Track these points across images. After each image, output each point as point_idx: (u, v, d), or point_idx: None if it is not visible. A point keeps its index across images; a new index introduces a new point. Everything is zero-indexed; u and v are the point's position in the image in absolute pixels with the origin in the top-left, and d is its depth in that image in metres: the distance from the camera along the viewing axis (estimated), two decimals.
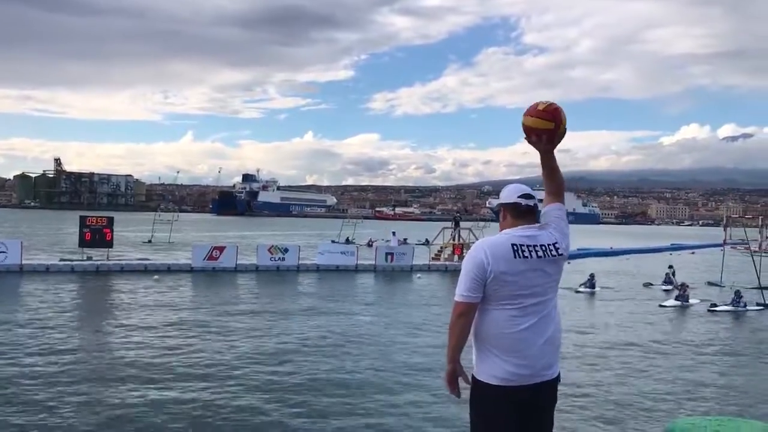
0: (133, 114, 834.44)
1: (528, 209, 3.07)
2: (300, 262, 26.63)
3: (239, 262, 25.71)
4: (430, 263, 29.98)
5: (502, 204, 3.14)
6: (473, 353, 3.00)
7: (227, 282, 22.21)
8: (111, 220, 25.37)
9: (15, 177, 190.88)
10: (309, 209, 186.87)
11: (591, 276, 22.66)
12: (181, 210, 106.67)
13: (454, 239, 32.03)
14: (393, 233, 38.73)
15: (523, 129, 3.07)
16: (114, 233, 25.45)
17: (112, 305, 16.64)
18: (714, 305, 18.92)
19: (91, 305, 17.06)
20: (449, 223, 34.35)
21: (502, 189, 3.21)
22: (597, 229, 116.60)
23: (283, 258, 26.29)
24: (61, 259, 25.06)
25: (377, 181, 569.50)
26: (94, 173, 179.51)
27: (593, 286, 22.21)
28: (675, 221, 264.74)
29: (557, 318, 3.03)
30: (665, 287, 23.58)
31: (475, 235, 31.30)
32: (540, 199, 3.11)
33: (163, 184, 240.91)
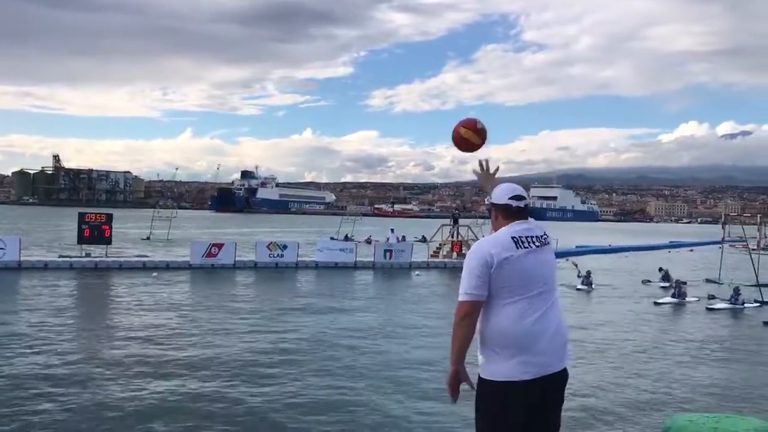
0: (132, 110, 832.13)
1: (519, 210, 3.08)
2: (299, 259, 26.66)
3: (238, 258, 25.73)
4: (428, 260, 30.04)
5: (493, 204, 3.15)
6: (478, 353, 2.99)
7: (226, 279, 22.22)
8: (110, 216, 25.41)
9: (13, 173, 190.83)
10: (308, 206, 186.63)
11: (588, 273, 22.69)
12: (180, 207, 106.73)
13: (452, 236, 32.05)
14: (391, 230, 38.78)
15: (457, 138, 3.36)
16: (113, 230, 25.46)
17: (110, 302, 16.67)
18: (712, 297, 19.09)
19: (90, 302, 17.09)
20: (448, 220, 34.41)
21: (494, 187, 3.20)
22: (595, 227, 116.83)
23: (282, 255, 26.31)
24: (60, 256, 25.04)
25: (376, 178, 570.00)
26: (92, 170, 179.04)
27: (590, 284, 22.25)
28: (673, 219, 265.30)
29: (560, 311, 3.05)
30: (663, 284, 23.67)
31: (474, 233, 31.36)
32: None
33: (162, 180, 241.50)
